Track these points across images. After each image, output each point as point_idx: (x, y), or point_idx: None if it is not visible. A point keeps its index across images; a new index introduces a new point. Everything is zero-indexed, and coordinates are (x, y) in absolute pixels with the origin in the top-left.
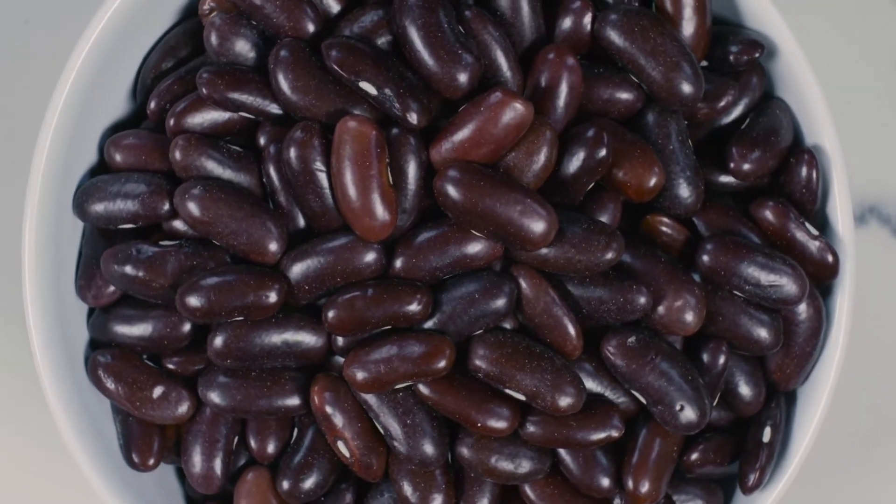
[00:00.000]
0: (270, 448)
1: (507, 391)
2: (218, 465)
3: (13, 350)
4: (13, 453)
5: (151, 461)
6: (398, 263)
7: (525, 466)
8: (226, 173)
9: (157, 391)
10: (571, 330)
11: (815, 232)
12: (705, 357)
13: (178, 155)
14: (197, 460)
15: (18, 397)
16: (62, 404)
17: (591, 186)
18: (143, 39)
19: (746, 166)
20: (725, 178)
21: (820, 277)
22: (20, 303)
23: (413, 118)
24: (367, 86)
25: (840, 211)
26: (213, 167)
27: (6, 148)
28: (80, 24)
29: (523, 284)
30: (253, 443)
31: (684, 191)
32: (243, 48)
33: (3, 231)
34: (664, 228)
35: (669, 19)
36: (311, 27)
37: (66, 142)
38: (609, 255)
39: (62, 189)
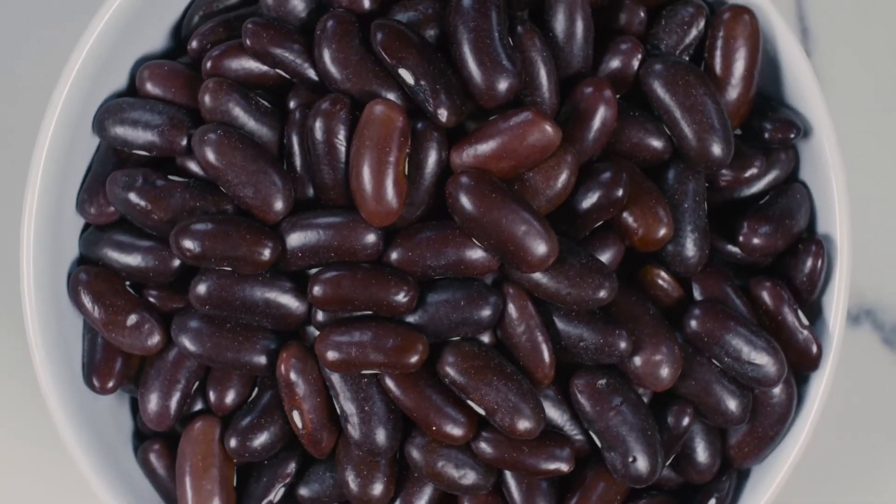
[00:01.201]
0: (228, 400)
1: (470, 402)
2: (173, 405)
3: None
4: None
5: (110, 384)
6: (394, 253)
7: (469, 478)
8: (248, 125)
9: (132, 319)
10: (546, 358)
11: (805, 321)
12: (670, 416)
13: (207, 96)
14: (154, 397)
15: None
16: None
17: (598, 224)
18: None
19: (755, 241)
20: (732, 249)
21: (800, 366)
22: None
23: (443, 116)
24: (405, 74)
25: (836, 306)
26: (237, 115)
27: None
28: None
29: (510, 303)
30: (212, 392)
31: (689, 251)
32: (296, 7)
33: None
34: (661, 282)
35: (715, 80)
36: (366, 3)
37: (97, 65)
38: (600, 295)
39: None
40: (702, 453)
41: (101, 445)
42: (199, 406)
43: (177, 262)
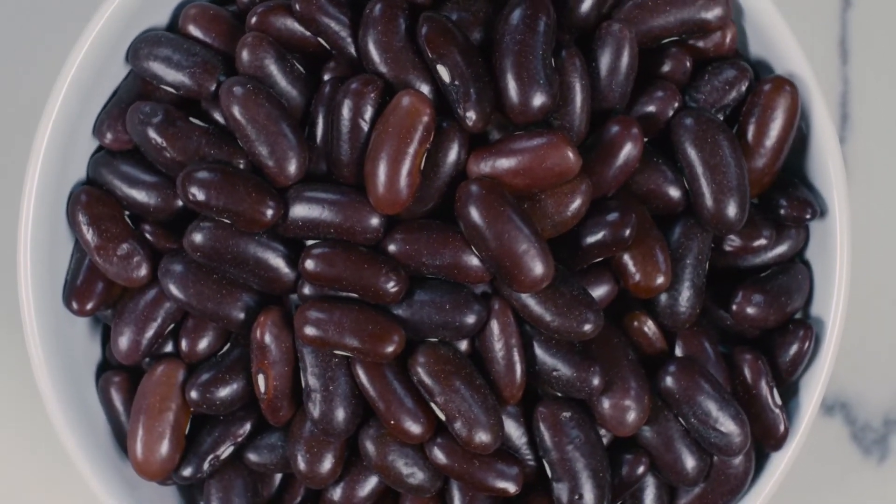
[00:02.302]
0: (199, 349)
1: (433, 405)
2: (144, 341)
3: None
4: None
5: (89, 307)
6: (393, 244)
7: (416, 479)
8: (279, 85)
9: (123, 248)
10: (517, 379)
11: (778, 401)
12: (625, 463)
13: (245, 50)
14: (127, 330)
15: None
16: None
17: (598, 260)
18: None
19: (748, 311)
20: (723, 314)
21: (764, 443)
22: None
23: (470, 119)
24: (443, 70)
25: (812, 393)
26: (270, 74)
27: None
28: None
29: (494, 317)
30: (184, 338)
31: (681, 306)
32: None
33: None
34: (646, 331)
35: (744, 145)
36: None
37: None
38: (585, 328)
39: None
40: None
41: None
42: (168, 349)
43: (179, 204)
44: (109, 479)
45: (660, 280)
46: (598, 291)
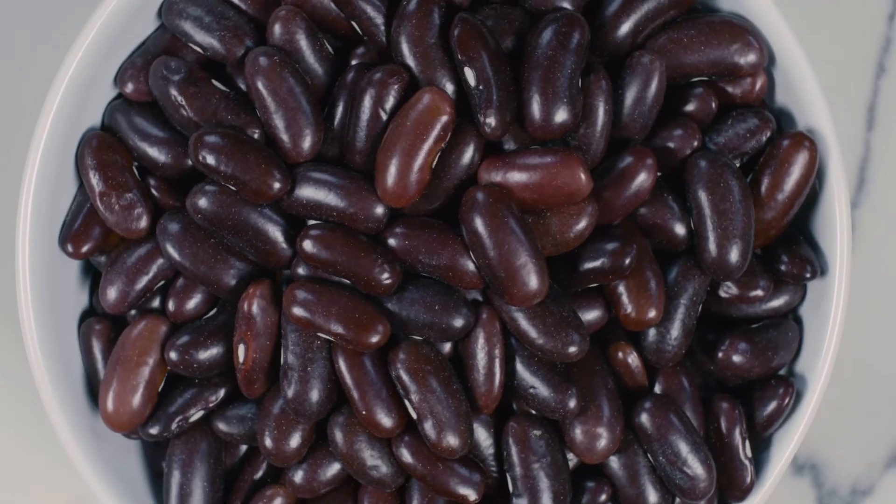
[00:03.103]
0: (185, 310)
1: (406, 402)
2: (132, 294)
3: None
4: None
5: (83, 250)
6: (392, 237)
7: (379, 472)
8: (306, 61)
9: (126, 198)
10: (495, 390)
11: (749, 453)
12: (587, 491)
13: (277, 22)
14: (118, 280)
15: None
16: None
17: (593, 285)
18: None
19: (733, 359)
20: (707, 358)
21: (728, 493)
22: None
23: (489, 126)
24: (469, 73)
25: (784, 450)
26: (299, 49)
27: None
28: None
29: (481, 325)
30: (173, 298)
31: (668, 345)
32: None
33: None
34: (629, 363)
35: (756, 195)
36: None
37: None
38: (570, 350)
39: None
40: None
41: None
42: (155, 304)
43: (189, 163)
44: (78, 426)
45: (651, 314)
46: (588, 316)
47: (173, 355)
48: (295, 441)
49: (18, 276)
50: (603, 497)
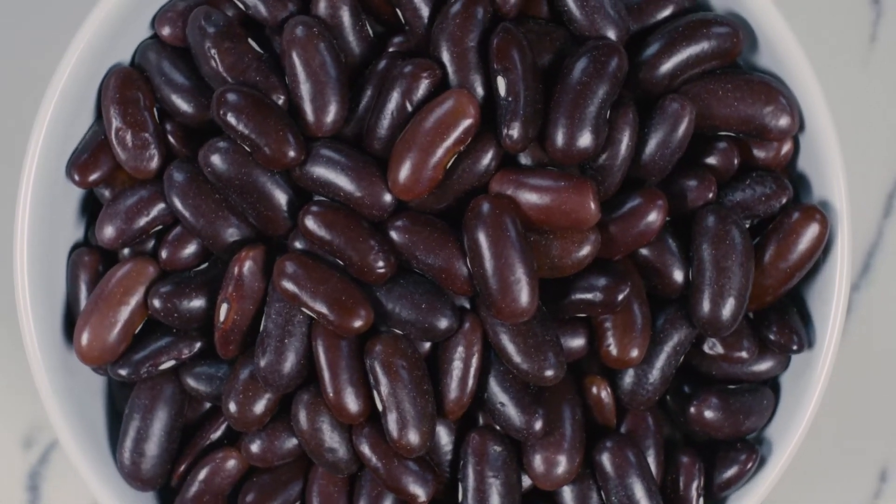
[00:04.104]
0: (177, 258)
1: (375, 393)
2: (129, 232)
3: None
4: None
5: (90, 178)
6: (393, 228)
7: (334, 456)
8: (344, 39)
9: (141, 138)
10: (465, 399)
11: None
12: None
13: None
14: (117, 216)
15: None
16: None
17: (580, 315)
18: None
19: (704, 415)
20: (679, 409)
21: None
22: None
23: (510, 138)
24: (501, 83)
25: None
26: (341, 25)
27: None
28: None
29: (463, 333)
30: (167, 245)
31: (643, 389)
32: None
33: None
34: (602, 398)
35: (759, 260)
36: (514, 3)
37: None
38: (546, 374)
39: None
40: None
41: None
42: (149, 247)
43: (209, 116)
44: (49, 353)
45: (633, 354)
46: (570, 344)
47: (156, 301)
48: (259, 408)
49: (20, 196)
50: None
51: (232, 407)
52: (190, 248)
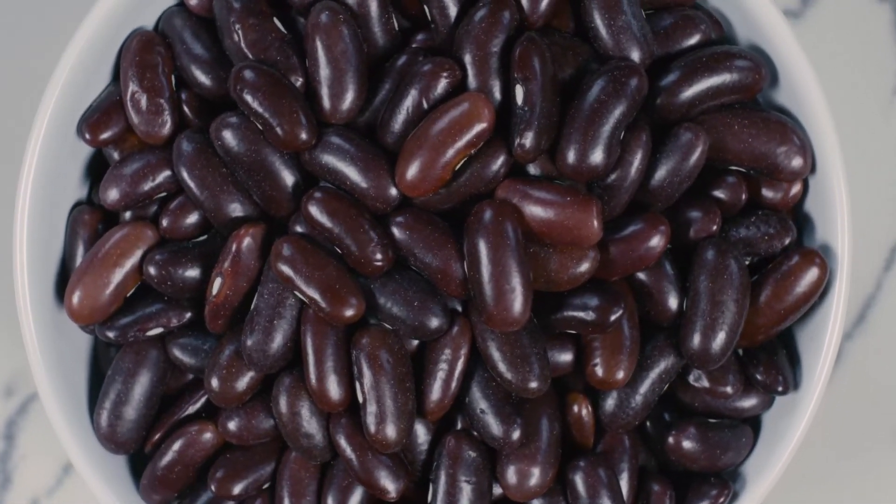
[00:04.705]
0: (177, 227)
1: (357, 384)
2: (132, 196)
3: None
4: None
5: (100, 137)
6: (394, 223)
7: (310, 442)
8: (370, 29)
9: (156, 103)
10: (446, 402)
11: None
12: None
13: None
14: (123, 178)
15: None
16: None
17: (570, 332)
18: None
19: (683, 445)
20: (657, 437)
21: None
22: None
23: (521, 148)
24: (519, 91)
25: None
26: (367, 14)
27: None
28: None
29: (451, 336)
30: (169, 213)
31: (625, 412)
32: None
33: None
34: (583, 416)
35: (754, 298)
36: (538, 14)
37: None
38: (529, 385)
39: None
40: None
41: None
42: (151, 212)
43: (226, 89)
44: (41, 309)
45: (618, 376)
46: (557, 358)
47: (151, 267)
48: (240, 385)
49: (28, 150)
50: None
51: (214, 382)
52: (191, 219)
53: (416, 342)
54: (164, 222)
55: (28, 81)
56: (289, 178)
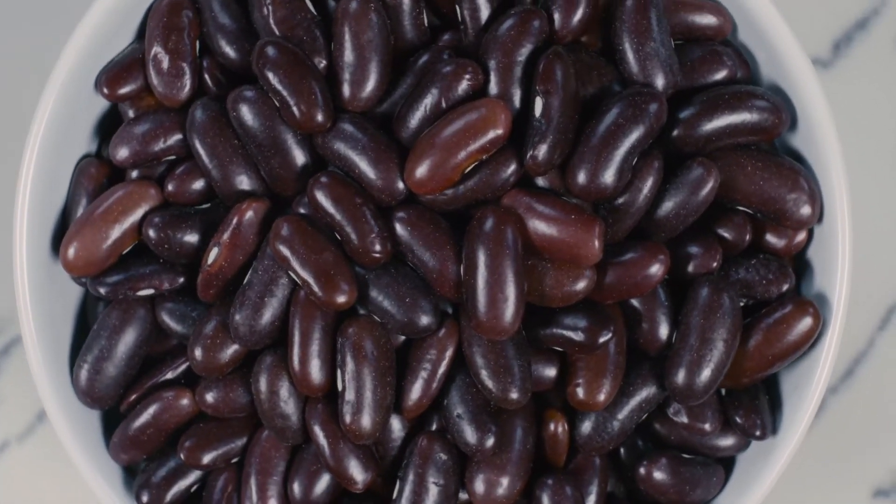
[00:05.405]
0: (182, 192)
1: (339, 372)
2: (142, 155)
3: None
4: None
5: (118, 92)
6: (397, 219)
7: (284, 423)
8: (398, 22)
9: (178, 66)
10: (424, 402)
11: None
12: None
13: None
14: (134, 136)
15: None
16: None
17: (556, 347)
18: None
19: (654, 476)
20: (627, 463)
21: None
22: None
23: (533, 159)
24: (539, 103)
25: None
26: (400, 7)
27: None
28: None
29: (438, 337)
30: (176, 177)
31: (601, 436)
32: None
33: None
34: (559, 435)
35: (743, 340)
36: (569, 29)
37: None
38: (509, 396)
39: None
40: None
41: None
42: (157, 173)
43: (248, 62)
44: (36, 255)
45: (599, 399)
46: (540, 373)
47: (151, 229)
48: (223, 357)
49: (43, 100)
50: None
51: (197, 351)
52: (196, 185)
53: (402, 338)
54: (170, 186)
55: (54, 32)
56: (299, 158)
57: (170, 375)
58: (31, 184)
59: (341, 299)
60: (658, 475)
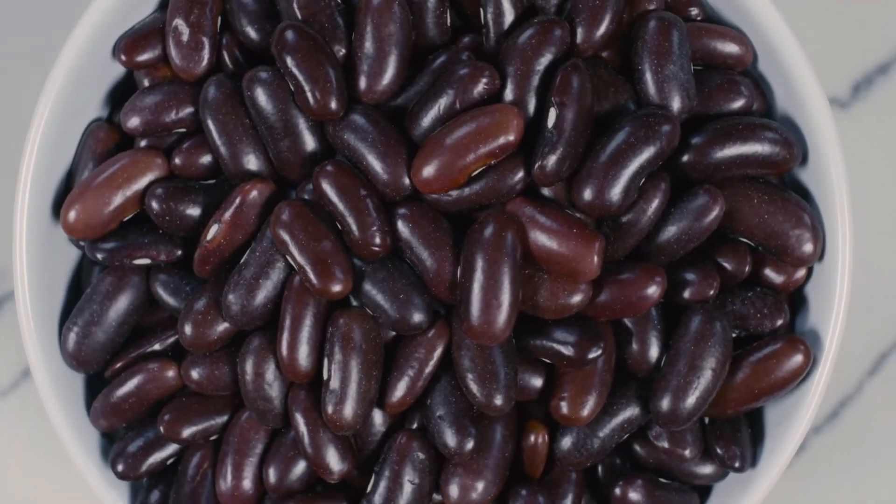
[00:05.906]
0: (190, 165)
1: (325, 360)
2: (153, 124)
3: None
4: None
5: (136, 59)
6: (399, 215)
7: (265, 405)
8: (421, 18)
9: (197, 39)
10: (408, 400)
11: None
12: None
13: None
14: (147, 106)
15: None
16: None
17: (545, 359)
18: None
19: (630, 496)
20: (604, 481)
21: None
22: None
23: (541, 169)
24: (553, 114)
25: None
26: (425, 6)
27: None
28: None
29: (428, 337)
30: (183, 151)
31: (580, 452)
32: None
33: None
34: (538, 447)
35: (731, 372)
36: (590, 43)
37: None
38: (494, 402)
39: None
40: None
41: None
42: (166, 144)
43: (268, 44)
44: (37, 213)
45: (582, 414)
46: (526, 383)
47: (154, 200)
48: (212, 335)
49: (57, 64)
50: None
51: (187, 326)
52: (203, 160)
53: (392, 334)
54: (177, 159)
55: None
56: (308, 144)
57: (157, 347)
58: (40, 141)
59: (336, 288)
60: (633, 496)
